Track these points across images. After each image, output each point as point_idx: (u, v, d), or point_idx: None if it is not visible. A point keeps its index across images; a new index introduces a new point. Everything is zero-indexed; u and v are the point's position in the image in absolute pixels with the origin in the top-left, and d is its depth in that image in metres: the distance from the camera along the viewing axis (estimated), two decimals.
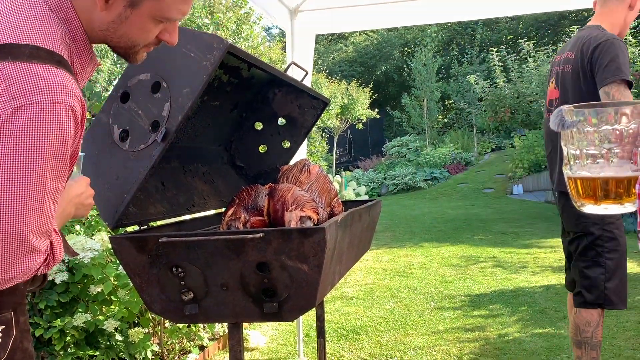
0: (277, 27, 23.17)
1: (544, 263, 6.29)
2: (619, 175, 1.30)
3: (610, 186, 1.30)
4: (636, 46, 8.78)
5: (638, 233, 1.88)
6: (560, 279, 5.53)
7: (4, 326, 1.15)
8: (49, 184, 1.02)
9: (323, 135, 15.16)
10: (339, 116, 16.56)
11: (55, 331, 3.02)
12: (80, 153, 1.37)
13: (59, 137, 1.01)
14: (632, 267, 5.55)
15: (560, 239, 3.10)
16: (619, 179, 1.31)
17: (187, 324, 3.63)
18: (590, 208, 1.36)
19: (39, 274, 1.13)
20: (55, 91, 0.99)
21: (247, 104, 2.53)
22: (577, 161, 1.33)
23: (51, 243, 1.13)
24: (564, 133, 1.33)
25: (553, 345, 3.73)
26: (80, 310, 3.18)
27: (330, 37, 27.61)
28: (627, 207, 1.36)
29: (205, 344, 3.78)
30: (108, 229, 3.02)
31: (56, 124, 0.99)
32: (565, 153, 1.35)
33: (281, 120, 2.68)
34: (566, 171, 1.37)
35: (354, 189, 14.07)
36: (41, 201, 1.02)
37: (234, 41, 10.51)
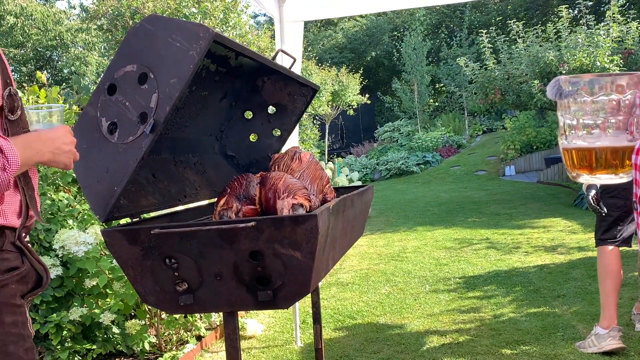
0: (264, 15, 23.00)
1: (537, 243, 6.33)
2: (614, 145, 1.31)
3: (605, 156, 1.31)
4: (624, 24, 8.77)
5: (634, 204, 1.90)
6: (553, 258, 5.58)
7: None
8: None
9: (314, 122, 15.14)
10: (330, 103, 16.51)
11: (52, 326, 3.03)
12: (59, 105, 1.36)
13: None
14: None
15: (552, 219, 3.13)
16: (615, 149, 1.31)
17: (183, 315, 3.64)
18: (585, 178, 1.37)
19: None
20: None
21: (236, 93, 2.52)
22: (572, 131, 1.33)
23: None
24: (560, 103, 1.34)
25: (548, 324, 3.77)
26: (75, 304, 3.19)
27: (319, 23, 27.45)
28: (622, 177, 1.37)
29: (202, 334, 3.80)
30: (101, 222, 3.02)
31: None
32: (561, 123, 1.36)
33: (271, 109, 2.67)
34: (561, 141, 1.37)
35: (346, 175, 14.05)
36: None
37: (222, 30, 10.44)
